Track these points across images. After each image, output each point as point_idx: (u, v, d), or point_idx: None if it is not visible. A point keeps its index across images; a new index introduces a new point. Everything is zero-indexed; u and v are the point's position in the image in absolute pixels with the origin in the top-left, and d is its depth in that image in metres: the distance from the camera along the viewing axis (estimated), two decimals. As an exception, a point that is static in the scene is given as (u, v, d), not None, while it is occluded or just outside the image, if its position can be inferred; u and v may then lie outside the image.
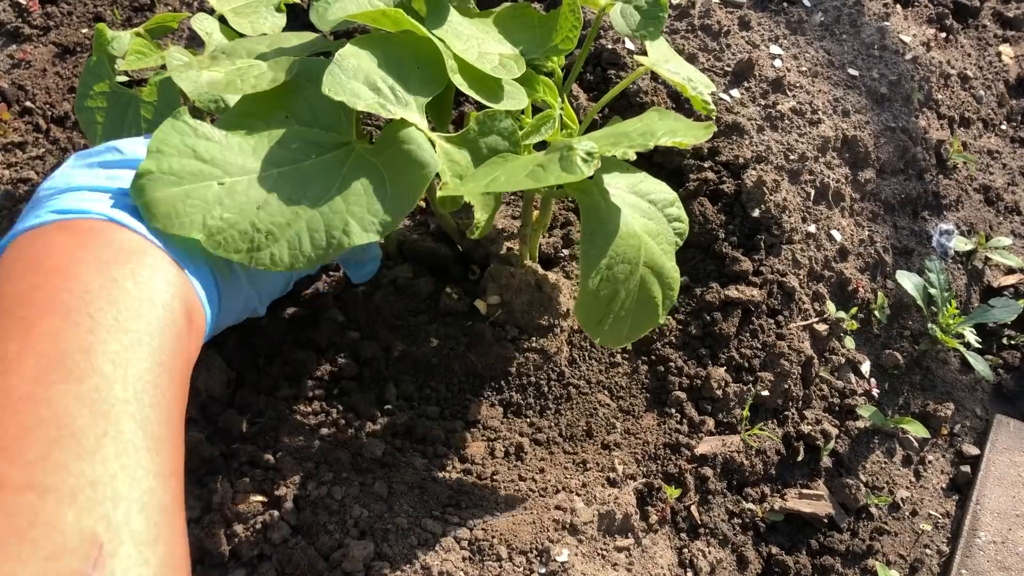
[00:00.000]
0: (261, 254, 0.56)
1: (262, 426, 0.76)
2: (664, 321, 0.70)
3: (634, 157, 0.63)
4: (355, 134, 0.64)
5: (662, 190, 0.73)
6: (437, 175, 0.62)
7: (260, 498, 0.70)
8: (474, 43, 0.70)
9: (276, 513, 0.68)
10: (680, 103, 1.08)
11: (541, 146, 0.72)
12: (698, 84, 0.76)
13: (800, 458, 0.92)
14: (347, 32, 1.08)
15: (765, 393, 0.91)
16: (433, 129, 0.66)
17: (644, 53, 0.84)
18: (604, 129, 0.70)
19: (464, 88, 0.66)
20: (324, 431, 0.77)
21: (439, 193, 0.63)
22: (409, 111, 0.63)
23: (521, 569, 0.69)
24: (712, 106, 0.76)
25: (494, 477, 0.78)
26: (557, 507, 0.75)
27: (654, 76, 1.08)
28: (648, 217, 0.71)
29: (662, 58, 0.78)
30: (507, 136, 0.66)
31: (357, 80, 0.61)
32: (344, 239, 0.57)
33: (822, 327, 0.99)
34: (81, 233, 0.52)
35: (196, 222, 0.55)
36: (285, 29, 0.89)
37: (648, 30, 0.75)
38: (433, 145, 0.63)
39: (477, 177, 0.63)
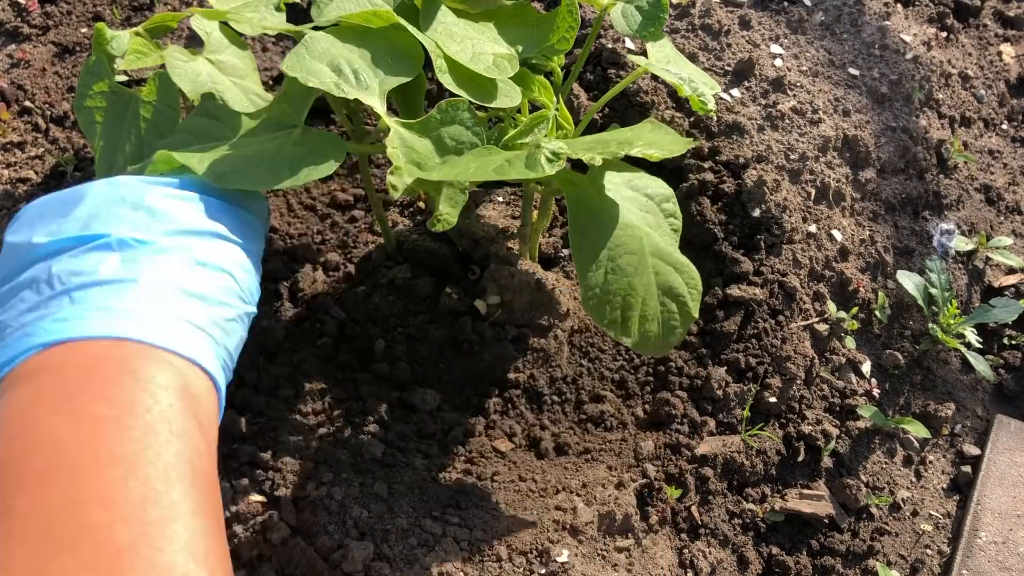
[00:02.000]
0: (250, 176, 0.61)
1: (262, 426, 0.76)
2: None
3: (599, 163, 0.64)
4: (302, 120, 0.67)
5: (658, 186, 0.73)
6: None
7: (260, 498, 0.70)
8: (468, 44, 0.70)
9: (276, 513, 0.68)
10: (681, 102, 1.08)
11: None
12: (699, 84, 0.76)
13: (801, 458, 0.92)
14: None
15: (766, 394, 0.91)
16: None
17: (644, 53, 0.83)
18: (590, 135, 0.71)
19: (453, 88, 0.66)
20: (324, 431, 0.77)
21: (388, 177, 0.62)
22: (368, 95, 0.64)
23: (521, 570, 0.69)
24: (711, 106, 0.75)
25: (494, 477, 0.78)
26: (557, 507, 0.74)
27: (655, 76, 1.08)
28: (646, 211, 0.71)
29: (663, 58, 0.77)
30: (470, 127, 0.66)
31: (321, 62, 0.63)
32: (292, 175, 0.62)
33: (823, 327, 0.99)
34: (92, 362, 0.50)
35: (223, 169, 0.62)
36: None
37: (649, 30, 0.74)
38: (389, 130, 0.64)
39: (445, 168, 0.63)
